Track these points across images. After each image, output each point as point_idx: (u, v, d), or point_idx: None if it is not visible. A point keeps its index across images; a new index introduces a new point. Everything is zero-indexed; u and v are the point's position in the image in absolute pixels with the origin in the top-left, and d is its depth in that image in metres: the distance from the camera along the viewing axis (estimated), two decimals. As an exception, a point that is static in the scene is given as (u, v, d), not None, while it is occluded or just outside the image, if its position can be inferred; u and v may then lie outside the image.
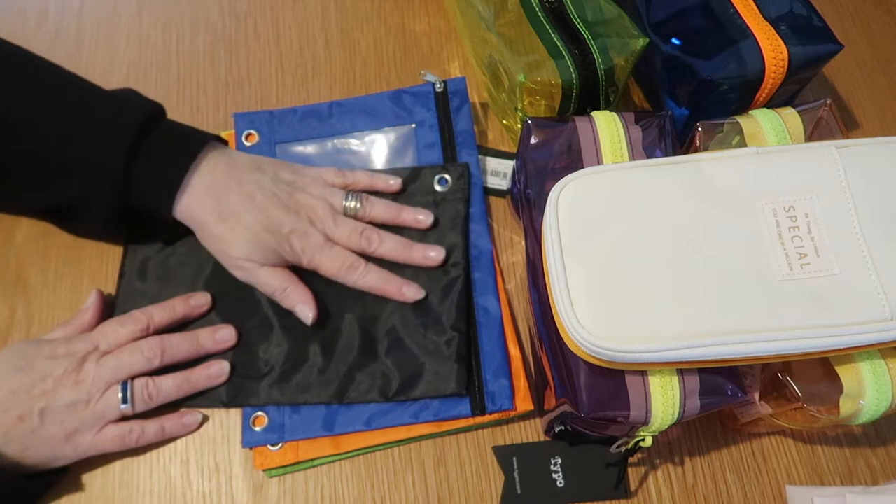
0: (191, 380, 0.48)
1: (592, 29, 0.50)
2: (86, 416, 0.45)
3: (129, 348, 0.47)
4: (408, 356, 0.49)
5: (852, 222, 0.36)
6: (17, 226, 0.55)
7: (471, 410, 0.48)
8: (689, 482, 0.49)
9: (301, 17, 0.65)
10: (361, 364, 0.49)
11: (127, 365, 0.46)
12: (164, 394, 0.47)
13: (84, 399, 0.45)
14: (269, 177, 0.50)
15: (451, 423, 0.49)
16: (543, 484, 0.48)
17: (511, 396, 0.49)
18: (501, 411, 0.48)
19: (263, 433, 0.48)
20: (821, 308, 0.34)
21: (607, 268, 0.36)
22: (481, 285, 0.52)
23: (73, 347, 0.46)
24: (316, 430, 0.48)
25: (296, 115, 0.58)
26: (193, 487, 0.48)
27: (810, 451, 0.50)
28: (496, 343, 0.50)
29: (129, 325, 0.48)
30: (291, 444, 0.48)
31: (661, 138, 0.44)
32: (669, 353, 0.34)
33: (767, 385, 0.41)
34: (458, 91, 0.58)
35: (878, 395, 0.37)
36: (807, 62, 0.49)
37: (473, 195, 0.55)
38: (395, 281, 0.51)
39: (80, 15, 0.64)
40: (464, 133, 0.57)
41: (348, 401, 0.48)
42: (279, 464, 0.48)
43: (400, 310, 0.51)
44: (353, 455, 0.49)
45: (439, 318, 0.50)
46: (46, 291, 0.53)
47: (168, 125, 0.49)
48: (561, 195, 0.38)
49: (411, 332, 0.50)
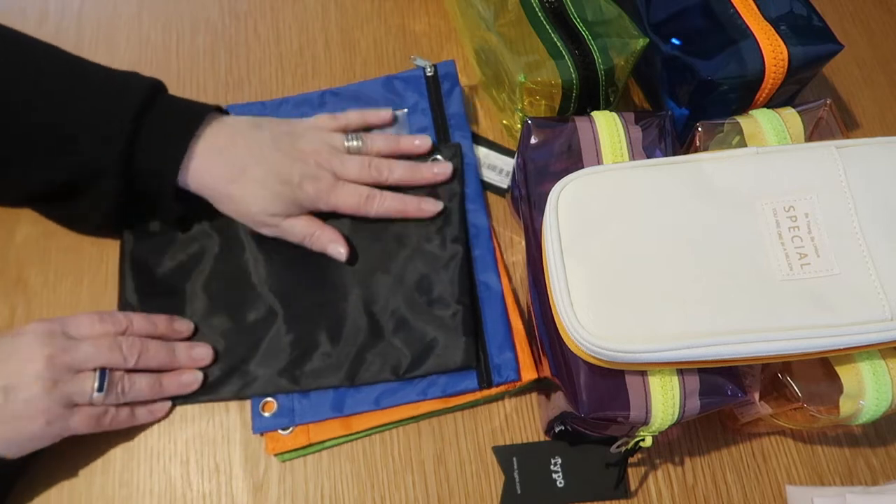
0: (163, 384, 0.48)
1: (592, 29, 0.50)
2: (54, 395, 0.43)
3: (108, 341, 0.46)
4: (415, 333, 0.50)
5: (852, 222, 0.36)
6: (17, 226, 0.55)
7: (478, 384, 0.49)
8: (689, 482, 0.49)
9: (301, 17, 0.65)
10: (370, 345, 0.50)
11: (103, 356, 0.45)
12: (135, 391, 0.47)
13: (50, 378, 0.43)
14: (268, 133, 0.51)
15: (459, 398, 0.49)
16: (543, 484, 0.48)
17: (516, 368, 0.49)
18: (507, 383, 0.49)
19: (273, 418, 0.48)
20: (821, 308, 0.34)
21: (607, 268, 0.36)
22: (481, 262, 0.53)
23: (42, 327, 0.45)
24: (325, 413, 0.48)
25: (289, 105, 0.59)
26: (193, 487, 0.48)
27: (810, 451, 0.50)
28: (499, 317, 0.51)
29: (108, 324, 0.47)
30: (302, 427, 0.48)
31: (661, 138, 0.44)
32: (669, 353, 0.34)
33: (767, 385, 0.41)
34: (448, 74, 0.59)
35: (878, 395, 0.37)
36: (807, 62, 0.49)
37: (468, 175, 0.56)
38: (413, 200, 0.53)
39: (80, 15, 0.64)
40: (456, 116, 0.58)
41: (360, 382, 0.49)
42: (291, 447, 0.48)
43: (402, 289, 0.51)
44: (363, 435, 0.49)
45: (442, 294, 0.51)
46: (46, 291, 0.53)
47: (169, 98, 0.50)
48: (561, 195, 0.38)
49: (416, 310, 0.50)
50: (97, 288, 0.53)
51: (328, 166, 0.51)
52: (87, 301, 0.53)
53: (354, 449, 0.49)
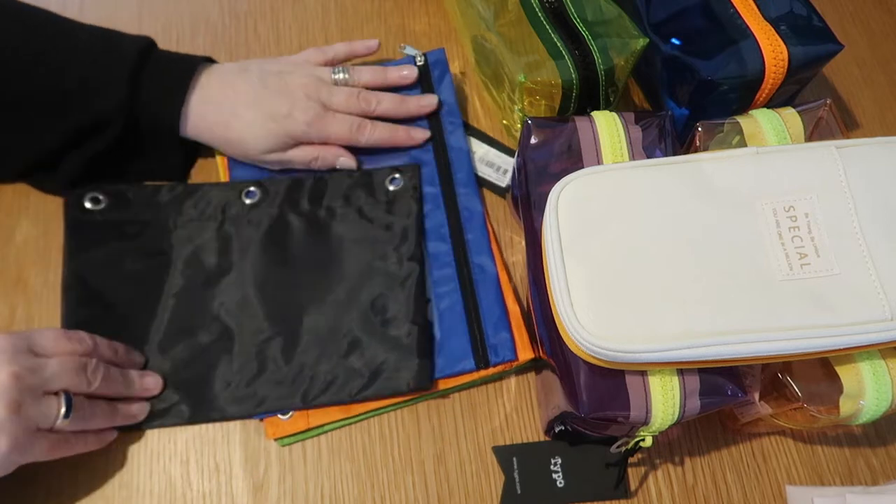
0: (117, 412, 0.46)
1: (592, 29, 0.50)
2: (19, 418, 0.39)
3: (74, 363, 0.43)
4: (369, 354, 0.49)
5: (852, 222, 0.36)
6: (17, 226, 0.55)
7: (475, 364, 0.49)
8: (689, 482, 0.49)
9: (301, 18, 0.65)
10: (324, 367, 0.49)
11: (68, 378, 0.42)
12: (94, 419, 0.44)
13: (16, 399, 0.39)
14: (256, 74, 0.53)
15: (458, 379, 0.50)
16: (543, 484, 0.48)
17: (513, 348, 0.50)
18: (505, 363, 0.49)
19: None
20: (821, 308, 0.34)
21: (607, 268, 0.36)
22: (475, 245, 0.53)
23: (6, 341, 0.41)
24: None
25: None
26: (193, 487, 0.48)
27: (810, 451, 0.50)
28: (494, 299, 0.51)
29: (75, 342, 0.45)
30: (301, 411, 0.49)
31: (661, 138, 0.44)
32: (669, 353, 0.34)
33: (767, 385, 0.41)
34: (438, 62, 0.59)
35: (878, 395, 0.37)
36: (807, 62, 0.49)
37: (460, 160, 0.56)
38: (401, 129, 0.55)
39: (80, 15, 0.64)
40: (447, 103, 0.58)
41: (316, 404, 0.48)
42: (290, 432, 0.48)
43: (357, 308, 0.51)
44: (362, 418, 0.50)
45: (397, 314, 0.50)
46: (46, 291, 0.53)
47: (162, 53, 0.52)
48: (561, 195, 0.38)
49: (370, 331, 0.50)
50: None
51: (316, 97, 0.53)
52: (87, 301, 0.52)
53: (354, 449, 0.49)
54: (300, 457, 0.49)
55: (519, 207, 0.51)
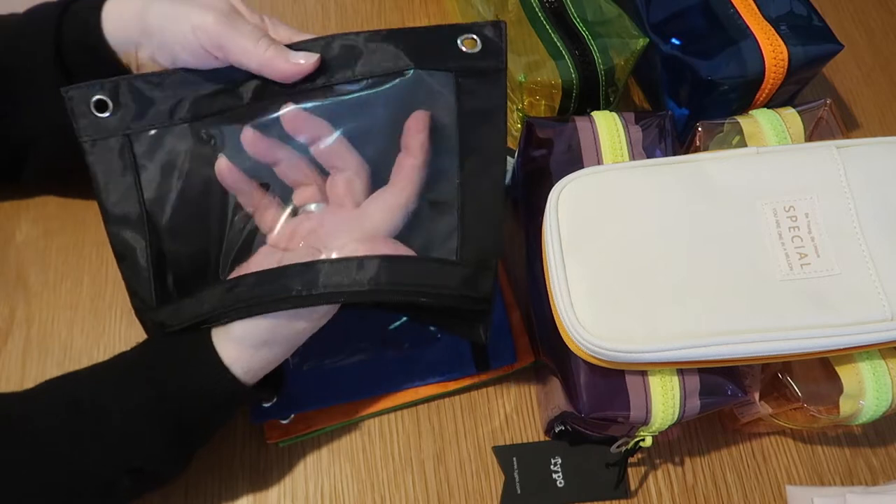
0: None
1: (592, 29, 0.50)
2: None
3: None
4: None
5: (852, 222, 0.36)
6: (17, 226, 0.55)
7: (475, 368, 0.49)
8: (689, 482, 0.49)
9: (301, 18, 0.65)
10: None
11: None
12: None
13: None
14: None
15: (458, 382, 0.50)
16: (543, 484, 0.48)
17: (513, 352, 0.50)
18: (504, 366, 0.50)
19: (272, 407, 0.48)
20: (821, 308, 0.34)
21: (607, 267, 0.36)
22: None
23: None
24: (325, 400, 0.48)
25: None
26: (194, 487, 0.48)
27: (810, 451, 0.50)
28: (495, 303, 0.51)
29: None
30: (301, 414, 0.48)
31: (661, 138, 0.44)
32: (669, 353, 0.34)
33: (767, 385, 0.41)
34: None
35: (878, 395, 0.37)
36: (807, 62, 0.49)
37: None
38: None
39: (80, 15, 0.64)
40: None
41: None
42: (291, 434, 0.48)
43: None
44: (362, 419, 0.50)
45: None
46: (46, 291, 0.53)
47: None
48: (561, 195, 0.38)
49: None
50: (97, 288, 0.53)
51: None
52: (87, 301, 0.52)
53: (354, 449, 0.49)
54: (300, 457, 0.49)
55: (519, 207, 0.51)
